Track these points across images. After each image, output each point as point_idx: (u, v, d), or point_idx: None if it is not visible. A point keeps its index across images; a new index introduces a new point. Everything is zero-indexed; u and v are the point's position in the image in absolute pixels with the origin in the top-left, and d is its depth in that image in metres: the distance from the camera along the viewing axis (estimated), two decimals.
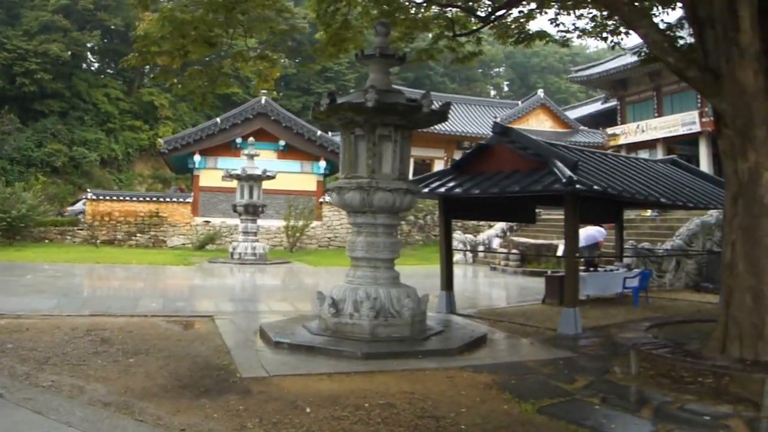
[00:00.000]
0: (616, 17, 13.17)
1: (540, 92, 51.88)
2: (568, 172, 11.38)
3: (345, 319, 10.42)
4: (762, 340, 8.40)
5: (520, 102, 53.67)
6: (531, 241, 27.74)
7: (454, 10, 14.21)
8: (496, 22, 14.54)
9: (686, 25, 12.16)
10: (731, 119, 8.74)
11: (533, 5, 14.07)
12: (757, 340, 8.45)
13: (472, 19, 14.43)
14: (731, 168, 8.98)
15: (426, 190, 13.98)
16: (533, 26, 15.03)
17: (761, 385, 7.34)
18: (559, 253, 22.52)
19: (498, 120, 46.87)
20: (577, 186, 11.30)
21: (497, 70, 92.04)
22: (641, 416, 7.04)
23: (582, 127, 49.47)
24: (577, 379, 8.58)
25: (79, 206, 34.75)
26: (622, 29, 13.74)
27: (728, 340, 8.78)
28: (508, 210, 15.91)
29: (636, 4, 12.96)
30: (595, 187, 11.62)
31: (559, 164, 11.85)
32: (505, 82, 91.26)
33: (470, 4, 14.00)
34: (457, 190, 13.60)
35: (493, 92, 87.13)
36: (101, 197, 34.84)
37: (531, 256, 26.02)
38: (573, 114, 54.52)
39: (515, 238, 29.17)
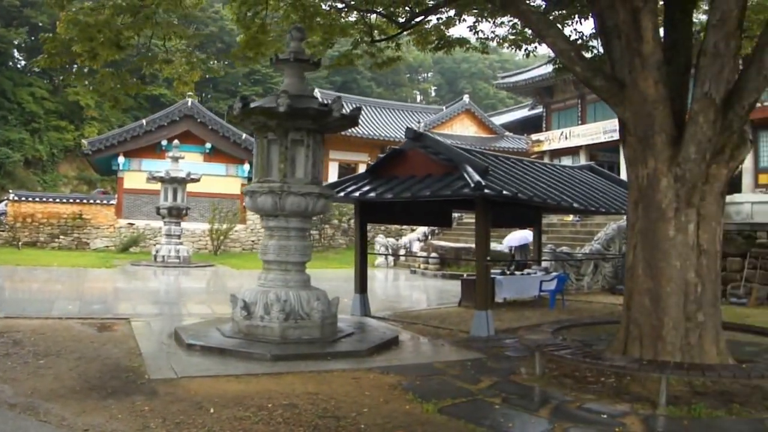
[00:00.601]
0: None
1: (465, 98, 52.50)
2: (477, 177, 11.66)
3: (256, 321, 10.48)
4: (661, 340, 8.76)
5: (444, 107, 54.34)
6: (450, 244, 28.08)
7: (373, 16, 14.31)
8: (414, 29, 14.66)
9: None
10: (633, 127, 9.09)
11: (452, 12, 14.26)
12: (656, 340, 8.80)
13: (393, 24, 14.55)
14: (633, 174, 9.35)
15: (341, 194, 14.22)
16: (455, 32, 15.30)
17: (659, 384, 7.65)
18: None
19: (422, 125, 47.67)
20: (486, 191, 11.58)
21: (425, 75, 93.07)
22: (539, 415, 7.23)
23: (507, 133, 50.29)
24: (482, 380, 8.77)
25: (0, 207, 33.92)
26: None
27: (629, 341, 9.14)
28: (425, 214, 16.15)
29: (557, 12, 13.41)
30: (504, 192, 11.95)
31: (470, 169, 12.14)
32: (433, 87, 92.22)
33: (391, 9, 14.12)
34: (371, 194, 13.82)
35: (419, 97, 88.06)
36: (24, 198, 34.03)
37: (450, 260, 26.32)
38: (500, 120, 55.36)
39: (435, 242, 29.52)
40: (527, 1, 10.81)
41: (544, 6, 13.27)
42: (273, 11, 13.68)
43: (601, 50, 11.14)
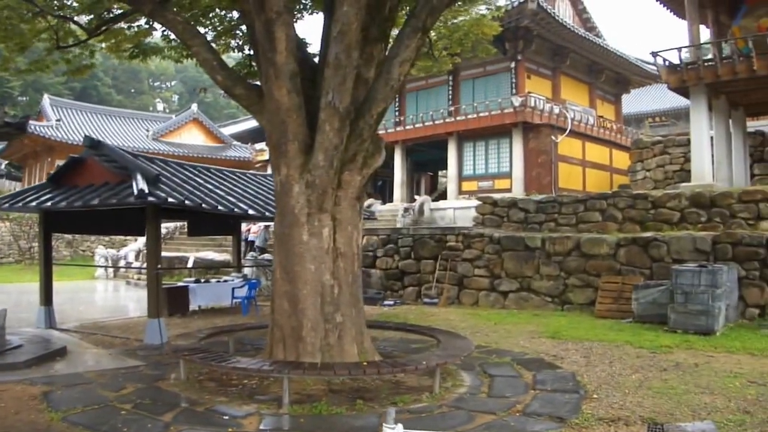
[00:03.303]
0: (238, 33, 13.93)
1: (193, 107, 52.58)
2: (141, 185, 11.92)
3: None
4: (302, 341, 9.42)
5: (174, 116, 53.92)
6: (165, 254, 27.91)
7: (63, 22, 14.08)
8: (107, 35, 14.57)
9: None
10: (269, 135, 9.72)
11: (142, 21, 14.33)
12: (297, 341, 9.45)
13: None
14: (274, 181, 9.96)
15: (19, 204, 13.93)
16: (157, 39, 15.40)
17: (296, 384, 8.29)
18: (190, 264, 23.12)
19: (150, 133, 46.94)
20: (150, 198, 11.84)
21: (168, 83, 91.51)
22: (161, 419, 7.55)
23: (235, 143, 50.93)
24: (127, 387, 9.05)
25: None
26: (246, 47, 14.39)
27: (274, 343, 9.74)
28: (116, 223, 15.98)
29: (226, 25, 13.85)
30: (170, 199, 12.28)
31: (139, 177, 12.36)
32: (176, 96, 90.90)
33: (81, 16, 13.96)
34: (48, 203, 13.63)
35: (161, 106, 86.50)
36: None
37: (164, 269, 26.13)
38: (232, 129, 55.99)
39: None
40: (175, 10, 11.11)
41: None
42: None
43: None
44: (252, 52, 11.01)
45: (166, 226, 33.63)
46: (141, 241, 31.85)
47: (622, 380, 9.39)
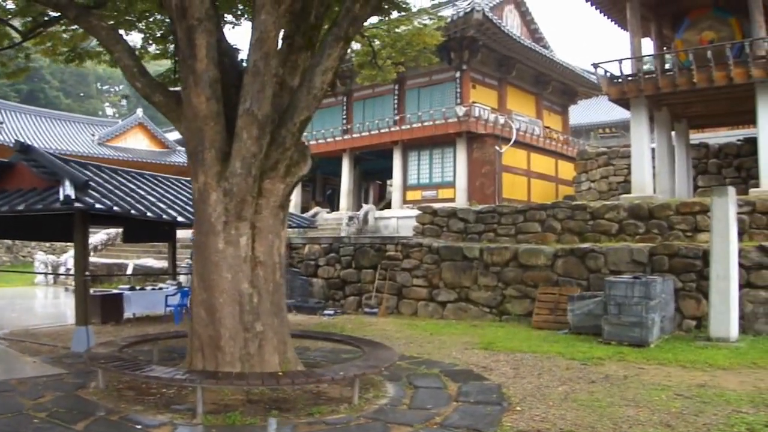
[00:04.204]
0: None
1: (138, 111, 52.55)
2: (68, 191, 11.74)
3: None
4: (220, 351, 9.31)
5: (120, 120, 53.51)
6: (104, 260, 27.88)
7: None
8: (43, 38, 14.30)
9: None
10: (187, 142, 9.62)
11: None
12: (216, 351, 9.34)
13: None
14: (193, 189, 9.82)
15: None
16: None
17: (215, 394, 8.15)
18: (129, 271, 22.89)
19: (96, 137, 46.45)
20: (77, 204, 11.66)
21: (117, 87, 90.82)
22: (74, 428, 7.44)
23: (179, 148, 50.54)
24: (46, 395, 8.92)
25: None
26: None
27: (193, 352, 9.63)
28: (51, 229, 16.04)
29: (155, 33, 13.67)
30: (98, 205, 12.14)
31: (67, 183, 12.20)
32: (125, 100, 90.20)
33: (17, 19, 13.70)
34: None
35: (110, 110, 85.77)
36: None
37: (103, 276, 25.99)
38: (178, 134, 55.24)
39: (90, 259, 28.78)
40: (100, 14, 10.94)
41: None
42: None
43: None
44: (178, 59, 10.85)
45: (107, 232, 33.33)
46: None
47: (548, 392, 9.40)
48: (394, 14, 15.57)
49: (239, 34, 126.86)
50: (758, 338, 13.81)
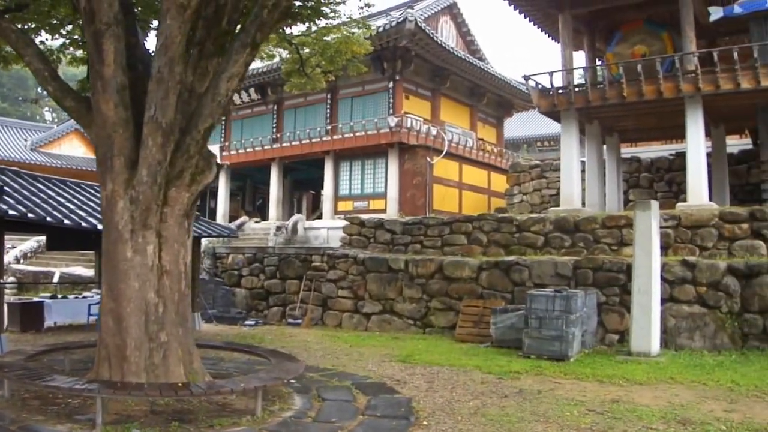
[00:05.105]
0: None
1: None
2: None
3: None
4: (126, 360, 9.21)
5: (55, 125, 52.69)
6: (31, 268, 27.42)
7: None
8: None
9: None
10: (96, 148, 9.50)
11: None
12: (122, 361, 9.25)
13: None
14: (101, 196, 9.68)
15: None
16: None
17: (119, 404, 8.02)
18: (55, 279, 22.62)
19: (28, 143, 45.57)
20: None
21: None
22: None
23: None
24: None
25: None
26: None
27: (101, 362, 9.51)
28: None
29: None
30: (11, 212, 12.00)
31: None
32: None
33: None
34: None
35: (50, 115, 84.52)
36: None
37: (29, 284, 25.60)
38: None
39: (17, 266, 28.47)
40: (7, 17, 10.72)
41: None
42: None
43: None
44: None
45: (38, 240, 32.60)
46: (12, 254, 30.79)
47: (458, 407, 9.48)
48: (322, 22, 15.59)
49: None
50: (680, 353, 14.11)
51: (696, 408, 9.36)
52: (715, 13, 19.80)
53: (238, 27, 10.79)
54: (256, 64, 26.98)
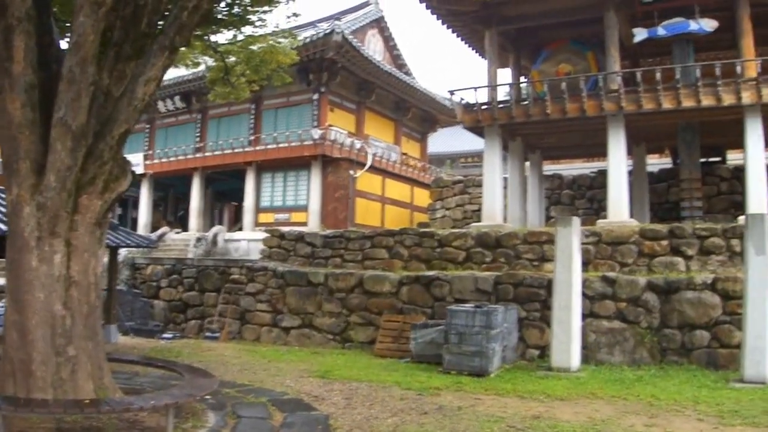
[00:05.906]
0: None
1: None
2: None
3: None
4: (32, 375, 8.77)
5: None
6: None
7: None
8: None
9: None
10: (2, 151, 9.09)
11: None
12: (27, 376, 8.79)
13: None
14: (6, 201, 9.30)
15: None
16: None
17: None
18: None
19: None
20: None
21: None
22: None
23: None
24: None
25: None
26: None
27: (5, 377, 9.01)
28: None
29: None
30: None
31: None
32: None
33: None
34: None
35: None
36: None
37: None
38: None
39: None
40: None
41: None
42: None
43: None
44: None
45: None
46: None
47: (376, 424, 9.36)
48: (249, 30, 15.45)
49: None
50: (600, 368, 14.26)
51: (616, 423, 9.42)
52: (640, 34, 20.28)
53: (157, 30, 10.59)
54: (182, 72, 26.63)
